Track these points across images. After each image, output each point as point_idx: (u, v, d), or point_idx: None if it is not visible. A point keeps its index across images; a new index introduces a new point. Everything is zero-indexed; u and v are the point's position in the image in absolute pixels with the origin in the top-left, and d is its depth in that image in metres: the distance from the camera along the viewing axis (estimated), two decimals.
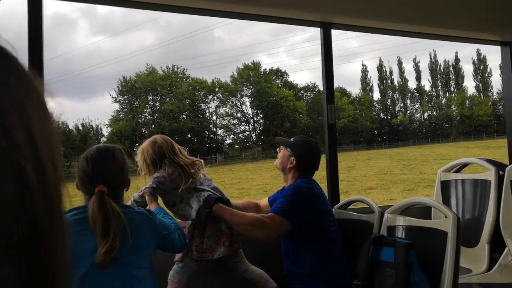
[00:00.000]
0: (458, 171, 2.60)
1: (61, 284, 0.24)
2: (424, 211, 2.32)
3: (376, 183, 14.48)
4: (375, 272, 1.69)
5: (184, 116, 45.87)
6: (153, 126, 44.45)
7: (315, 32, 2.40)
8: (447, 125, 59.28)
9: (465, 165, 2.59)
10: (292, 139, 2.02)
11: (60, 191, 0.26)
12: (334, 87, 2.38)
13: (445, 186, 2.57)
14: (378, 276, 1.68)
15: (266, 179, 18.54)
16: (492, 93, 62.47)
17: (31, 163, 0.23)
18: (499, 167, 2.32)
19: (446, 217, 1.64)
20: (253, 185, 16.38)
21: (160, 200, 1.81)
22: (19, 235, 0.21)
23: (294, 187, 1.86)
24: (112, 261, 1.27)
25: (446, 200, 2.53)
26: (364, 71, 63.93)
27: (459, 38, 2.79)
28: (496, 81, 66.66)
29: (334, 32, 2.39)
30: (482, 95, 62.20)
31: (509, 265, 2.01)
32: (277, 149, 2.05)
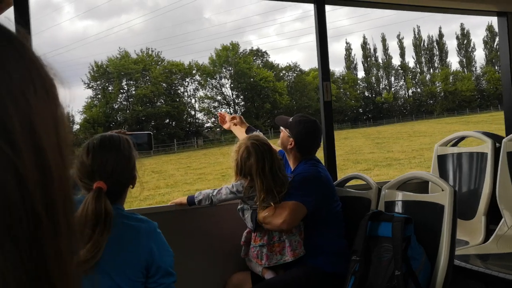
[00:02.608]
0: (455, 144, 2.67)
1: (61, 276, 0.24)
2: (422, 186, 2.39)
3: (337, 163, 14.77)
4: (373, 247, 1.76)
5: (161, 101, 45.40)
6: (127, 111, 43.91)
7: (304, 12, 2.40)
8: (431, 102, 60.54)
9: (462, 138, 2.66)
10: (291, 119, 2.04)
11: (68, 178, 0.26)
12: (316, 66, 2.40)
13: (442, 160, 2.64)
14: (376, 251, 1.75)
15: (230, 164, 18.73)
16: (476, 68, 63.99)
17: (30, 156, 0.23)
18: (496, 139, 2.39)
19: (442, 190, 1.71)
20: (216, 169, 16.62)
21: None
22: (18, 227, 0.22)
23: (302, 175, 1.90)
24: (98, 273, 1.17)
25: (443, 174, 2.60)
26: (348, 49, 64.30)
27: (455, 9, 2.82)
28: (479, 56, 68.32)
29: None
30: (466, 70, 63.56)
31: (505, 236, 2.11)
32: (280, 129, 2.08)
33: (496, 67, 61.02)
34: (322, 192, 1.88)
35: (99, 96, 44.11)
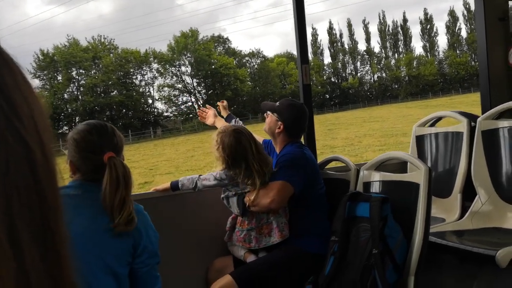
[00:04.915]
0: (432, 125, 2.80)
1: (66, 254, 0.29)
2: (401, 167, 2.51)
3: None
4: (352, 227, 1.86)
5: (115, 90, 44.25)
6: (78, 102, 42.51)
7: None
8: (396, 86, 62.69)
9: (439, 118, 2.80)
10: (278, 103, 2.12)
11: (55, 164, 0.30)
12: (282, 52, 2.47)
13: (420, 140, 2.78)
14: (355, 231, 1.85)
15: (173, 155, 19.03)
16: (438, 53, 66.82)
17: (36, 140, 0.28)
18: (472, 118, 2.52)
19: (418, 169, 1.82)
20: (148, 162, 16.68)
21: None
22: (30, 205, 0.27)
23: (288, 156, 1.97)
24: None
25: (421, 154, 2.73)
26: (314, 34, 65.08)
27: None
28: (442, 41, 71.58)
29: None
30: (429, 54, 66.19)
31: (479, 212, 2.25)
32: (265, 114, 2.15)
33: (458, 51, 63.99)
34: (308, 173, 1.96)
35: (47, 86, 42.28)
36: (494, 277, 1.92)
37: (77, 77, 43.97)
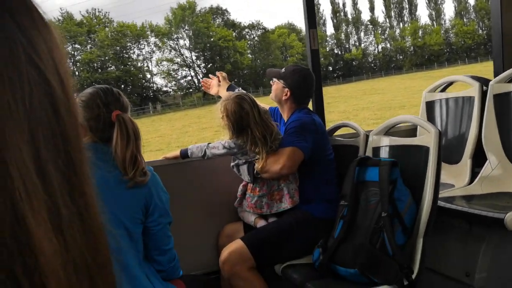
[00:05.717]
0: (443, 90, 2.78)
1: (92, 194, 0.30)
2: (410, 133, 2.52)
3: None
4: (361, 192, 1.89)
5: (112, 66, 43.95)
6: (74, 78, 42.39)
7: None
8: (401, 57, 62.01)
9: (450, 83, 2.77)
10: (283, 69, 2.13)
11: (77, 108, 0.31)
12: (282, 24, 2.43)
13: (430, 106, 2.76)
14: (364, 196, 1.88)
15: (168, 131, 19.11)
16: (445, 21, 65.71)
17: (56, 79, 0.28)
18: (483, 82, 2.48)
19: (428, 132, 1.83)
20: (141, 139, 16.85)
21: None
22: (54, 139, 0.27)
23: (297, 122, 1.98)
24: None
25: (431, 120, 2.70)
26: (316, 4, 64.00)
27: None
28: (449, 9, 70.17)
29: None
30: (435, 23, 65.11)
31: (488, 177, 2.26)
32: (271, 82, 2.16)
33: (465, 20, 62.90)
34: (317, 138, 1.98)
35: None
36: (503, 240, 1.95)
37: (72, 52, 43.61)
